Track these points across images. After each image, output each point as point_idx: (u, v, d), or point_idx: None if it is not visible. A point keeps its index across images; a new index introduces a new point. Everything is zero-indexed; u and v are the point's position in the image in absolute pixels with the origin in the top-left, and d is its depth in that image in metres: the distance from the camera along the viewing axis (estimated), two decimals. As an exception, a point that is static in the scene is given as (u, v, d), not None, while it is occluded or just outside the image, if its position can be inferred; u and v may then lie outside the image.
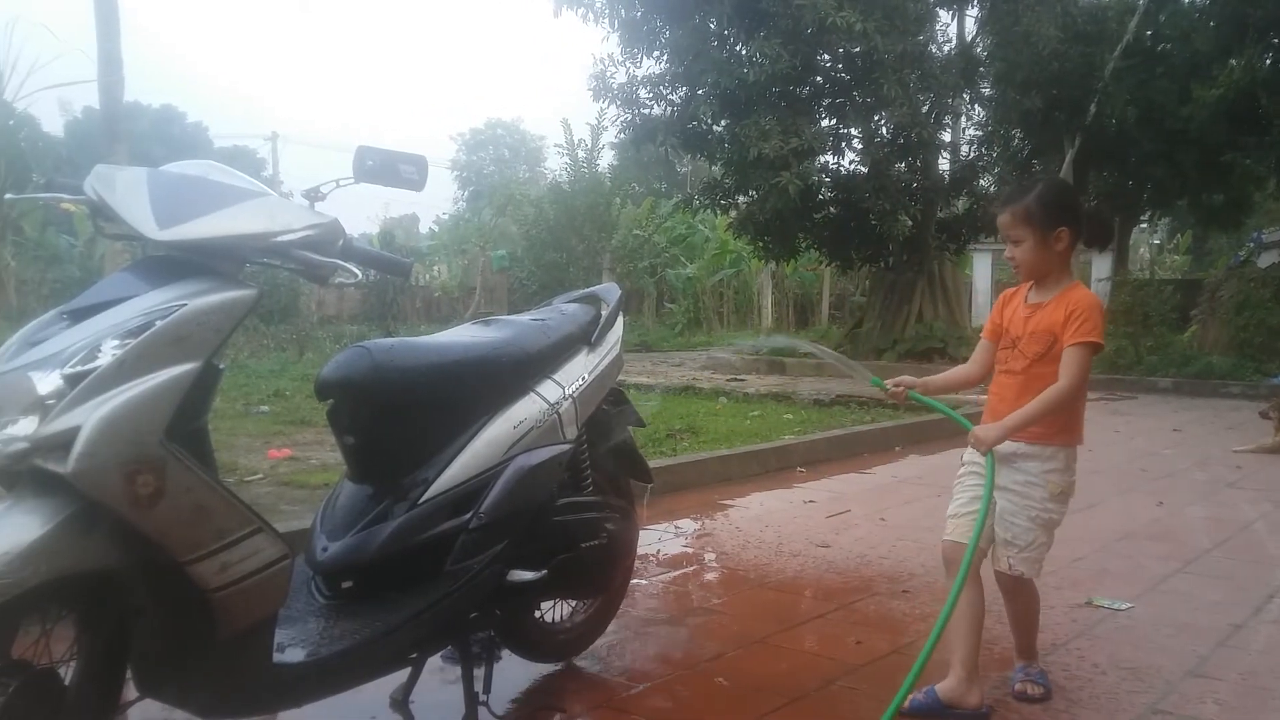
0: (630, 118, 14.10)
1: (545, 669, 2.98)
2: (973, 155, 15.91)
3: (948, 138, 15.81)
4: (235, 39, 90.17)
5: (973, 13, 15.06)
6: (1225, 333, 13.65)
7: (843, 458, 6.95)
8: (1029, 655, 2.89)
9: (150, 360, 1.78)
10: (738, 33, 13.26)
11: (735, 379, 12.28)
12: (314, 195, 2.24)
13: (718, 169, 15.10)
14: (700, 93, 13.24)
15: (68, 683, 1.85)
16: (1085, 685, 2.92)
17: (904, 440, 7.59)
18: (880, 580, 4.00)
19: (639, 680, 2.92)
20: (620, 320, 3.04)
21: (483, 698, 2.57)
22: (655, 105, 14.06)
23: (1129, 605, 3.67)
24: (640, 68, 14.06)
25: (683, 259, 26.06)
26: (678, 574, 4.12)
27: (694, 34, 13.15)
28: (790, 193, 12.40)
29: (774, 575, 4.07)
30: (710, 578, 4.11)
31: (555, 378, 2.71)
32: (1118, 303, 14.24)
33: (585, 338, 2.88)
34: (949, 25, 15.41)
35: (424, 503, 2.37)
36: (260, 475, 5.09)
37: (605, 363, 2.89)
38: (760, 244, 15.08)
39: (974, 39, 15.05)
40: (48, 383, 1.74)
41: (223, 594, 1.86)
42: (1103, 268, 17.88)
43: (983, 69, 14.76)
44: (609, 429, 3.05)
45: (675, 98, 13.92)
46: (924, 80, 13.35)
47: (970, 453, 2.78)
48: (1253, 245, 14.99)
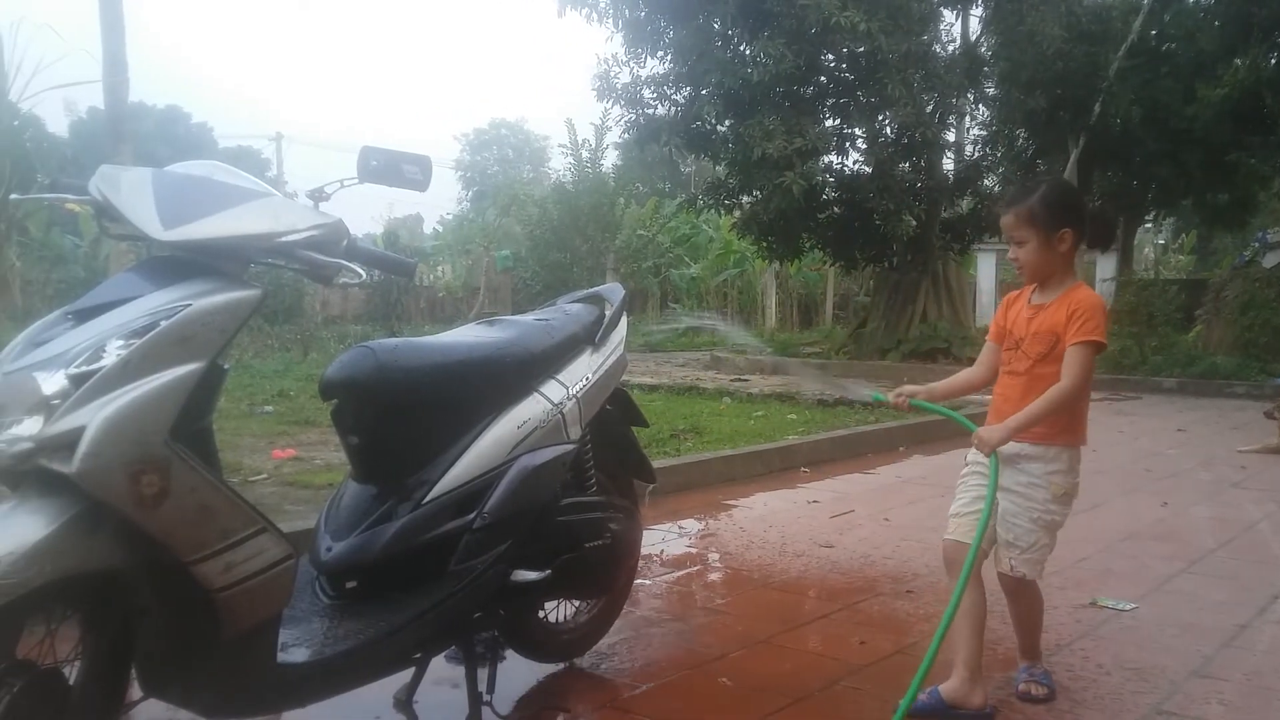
0: (634, 118, 14.09)
1: (549, 669, 2.99)
2: (977, 155, 15.89)
3: (952, 137, 15.80)
4: (239, 40, 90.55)
5: (977, 12, 15.05)
6: (1230, 333, 13.61)
7: (846, 458, 6.95)
8: (1033, 656, 2.89)
9: (155, 360, 1.78)
10: (742, 33, 13.25)
11: (739, 379, 12.28)
12: (318, 195, 2.25)
13: (722, 169, 15.10)
14: (704, 93, 13.23)
15: (72, 683, 1.86)
16: (1089, 686, 2.91)
17: (908, 440, 7.59)
18: (884, 580, 4.00)
19: (643, 680, 2.92)
20: (624, 320, 3.05)
21: (486, 698, 2.58)
22: (659, 105, 14.05)
23: (1133, 605, 3.67)
24: (644, 68, 14.08)
25: (687, 259, 26.07)
26: (681, 574, 4.12)
27: (698, 34, 13.14)
28: (794, 193, 12.39)
29: (778, 575, 4.07)
30: (714, 578, 4.11)
31: (559, 378, 2.72)
32: (1122, 303, 14.21)
33: (589, 338, 2.88)
34: (953, 25, 15.42)
35: (428, 503, 2.38)
36: (265, 475, 5.10)
37: (609, 363, 2.89)
38: (764, 244, 15.07)
39: (978, 38, 15.02)
40: (53, 383, 1.74)
41: (227, 594, 1.86)
42: (1107, 268, 17.87)
43: (987, 69, 14.73)
44: (612, 429, 3.05)
45: (679, 98, 13.91)
46: (928, 80, 13.32)
47: (974, 453, 2.78)
48: (1258, 245, 14.92)
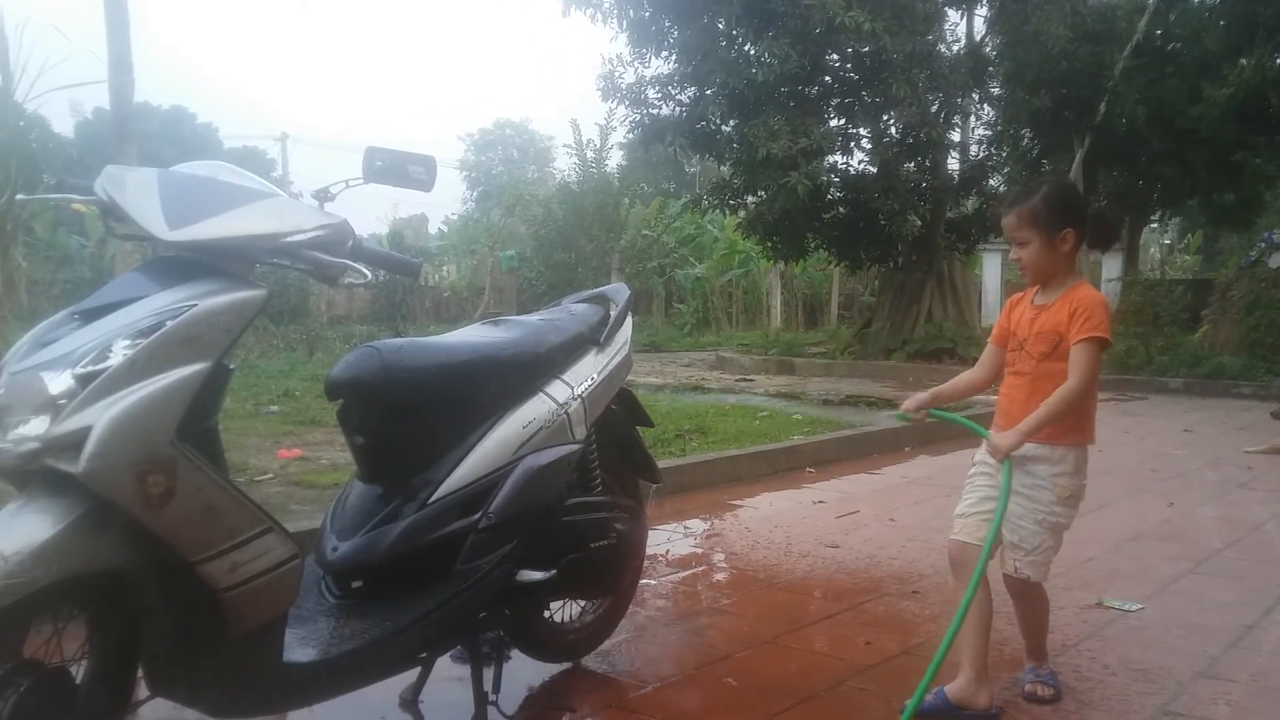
0: (639, 118, 14.09)
1: (554, 669, 2.99)
2: (982, 155, 15.87)
3: (957, 137, 15.77)
4: (239, 40, 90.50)
5: (982, 12, 15.01)
6: (1236, 333, 13.58)
7: (852, 458, 6.94)
8: (1039, 656, 2.89)
9: (161, 360, 1.79)
10: (746, 33, 13.25)
11: (744, 379, 12.28)
12: (323, 196, 2.25)
13: (726, 169, 15.09)
14: (709, 93, 13.23)
15: (79, 682, 1.86)
16: (1096, 686, 2.91)
17: (913, 441, 7.57)
18: (890, 581, 4.00)
19: (648, 680, 2.92)
20: (629, 320, 3.05)
21: (492, 697, 2.58)
22: (664, 105, 14.04)
23: (1139, 606, 3.66)
24: (649, 68, 14.08)
25: (691, 259, 26.03)
26: (687, 574, 4.12)
27: (702, 34, 13.14)
28: (799, 193, 12.38)
29: (783, 575, 4.07)
30: (719, 578, 4.11)
31: (564, 378, 2.72)
32: (1128, 303, 14.18)
33: (594, 338, 2.88)
34: (958, 25, 15.39)
35: (433, 502, 2.38)
36: (270, 475, 5.10)
37: (614, 363, 2.89)
38: (769, 244, 15.06)
39: (983, 38, 15.00)
40: (59, 383, 1.75)
41: (233, 593, 1.87)
42: (1113, 268, 17.86)
43: (992, 68, 14.70)
44: (617, 429, 3.05)
45: (684, 98, 13.91)
46: (933, 80, 13.31)
47: (982, 453, 2.78)
48: (1264, 245, 14.89)
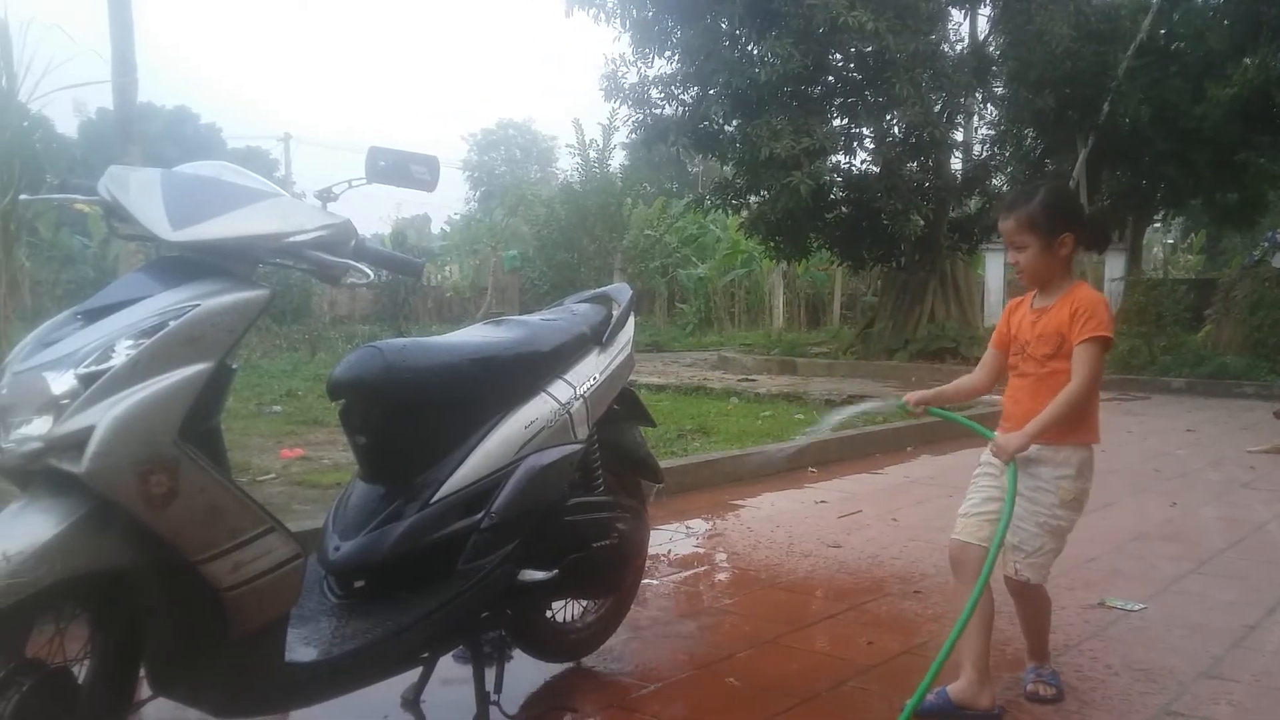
0: (642, 118, 14.08)
1: (556, 669, 2.99)
2: (985, 154, 15.85)
3: (960, 137, 15.78)
4: (239, 40, 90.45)
5: (985, 11, 14.99)
6: (1239, 333, 13.56)
7: (854, 458, 6.94)
8: (1041, 656, 2.89)
9: (164, 360, 1.79)
10: (749, 32, 13.23)
11: (747, 379, 12.27)
12: (326, 196, 2.25)
13: (729, 169, 15.08)
14: (712, 93, 13.22)
15: (81, 681, 1.87)
16: (1098, 686, 2.91)
17: (916, 440, 7.57)
18: (892, 581, 3.99)
19: (650, 680, 2.92)
20: (631, 320, 3.05)
21: (494, 697, 2.58)
22: (667, 105, 14.04)
23: (1142, 606, 3.66)
24: (652, 68, 14.06)
25: (694, 259, 26.02)
26: (689, 574, 4.12)
27: (705, 34, 13.13)
28: (802, 192, 12.37)
29: (785, 575, 4.07)
30: (721, 578, 4.11)
31: (566, 378, 2.72)
32: (1131, 302, 14.16)
33: (596, 338, 2.88)
34: (961, 24, 15.37)
35: (435, 502, 2.38)
36: (273, 475, 5.11)
37: (616, 363, 2.89)
38: (772, 244, 15.05)
39: (986, 38, 14.98)
40: (62, 382, 1.75)
41: (235, 593, 1.87)
42: (1116, 267, 17.82)
43: (995, 68, 14.69)
44: (619, 429, 3.05)
45: (687, 98, 13.90)
46: (936, 79, 13.30)
47: (987, 453, 2.78)
48: (1267, 245, 14.87)
